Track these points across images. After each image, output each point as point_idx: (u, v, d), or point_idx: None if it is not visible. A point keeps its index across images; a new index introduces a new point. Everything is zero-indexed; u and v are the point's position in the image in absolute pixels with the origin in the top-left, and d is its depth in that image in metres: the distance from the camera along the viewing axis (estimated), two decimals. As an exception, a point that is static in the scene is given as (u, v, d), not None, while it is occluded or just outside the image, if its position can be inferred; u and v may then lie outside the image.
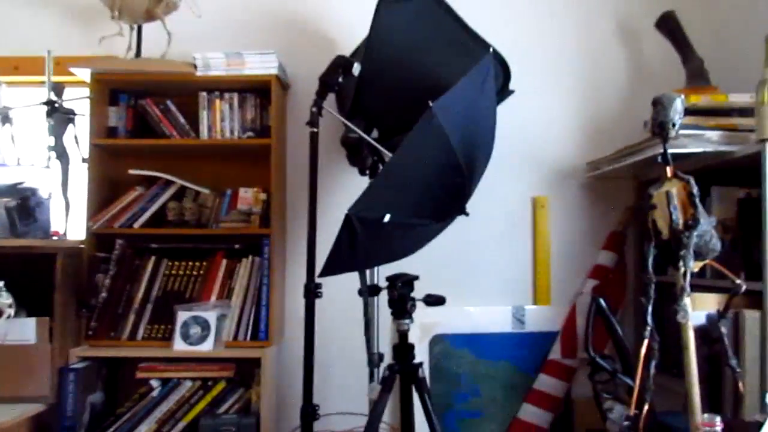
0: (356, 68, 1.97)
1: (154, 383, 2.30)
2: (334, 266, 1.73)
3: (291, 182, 2.60)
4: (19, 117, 2.45)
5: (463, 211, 1.92)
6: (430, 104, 1.62)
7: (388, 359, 2.12)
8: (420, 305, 1.97)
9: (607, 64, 2.62)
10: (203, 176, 2.49)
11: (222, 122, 2.44)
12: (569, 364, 2.50)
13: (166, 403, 2.28)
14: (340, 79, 1.97)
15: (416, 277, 1.98)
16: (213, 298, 2.36)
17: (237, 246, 2.42)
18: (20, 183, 2.19)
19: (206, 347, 2.28)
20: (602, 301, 1.84)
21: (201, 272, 2.40)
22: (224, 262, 2.40)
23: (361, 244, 1.67)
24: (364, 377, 2.36)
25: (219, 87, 2.44)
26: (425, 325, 2.53)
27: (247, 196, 2.45)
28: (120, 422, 2.25)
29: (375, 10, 2.08)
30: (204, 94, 2.44)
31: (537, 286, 2.59)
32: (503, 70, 2.20)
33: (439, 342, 2.55)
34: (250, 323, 2.36)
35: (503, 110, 2.34)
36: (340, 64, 1.96)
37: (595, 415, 2.24)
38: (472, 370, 2.55)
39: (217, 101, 2.44)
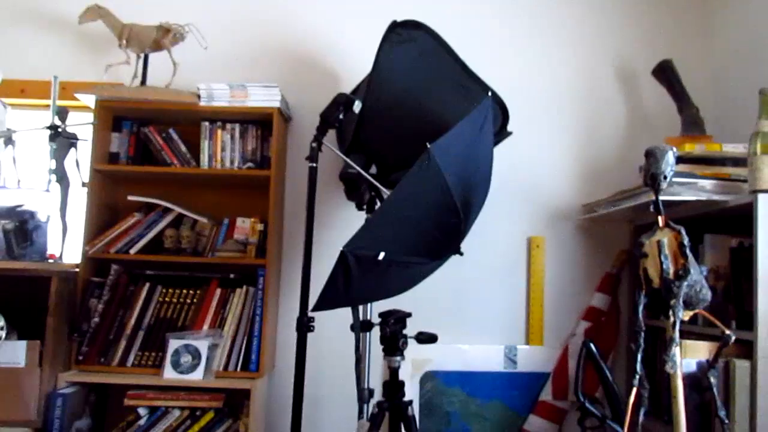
0: (357, 106, 2.01)
1: (142, 411, 2.28)
2: (327, 301, 1.74)
3: (288, 214, 2.62)
4: (22, 139, 2.48)
5: (457, 251, 1.93)
6: (428, 145, 1.64)
7: (378, 395, 2.11)
8: (412, 342, 1.97)
9: (604, 107, 2.67)
10: (202, 205, 2.52)
11: (223, 152, 2.47)
12: (560, 405, 2.49)
13: (153, 432, 2.27)
14: (341, 116, 2.00)
15: (409, 314, 1.98)
16: (205, 326, 2.36)
17: (232, 275, 2.43)
18: (19, 206, 2.21)
19: (196, 376, 2.27)
20: (592, 346, 1.85)
21: (195, 300, 2.40)
22: (218, 291, 2.40)
23: (355, 281, 1.68)
24: (354, 412, 2.34)
25: (221, 117, 2.47)
26: (417, 362, 2.52)
27: (245, 226, 2.46)
28: (105, 450, 2.23)
29: (378, 49, 2.12)
30: (206, 123, 2.47)
31: (530, 326, 2.59)
32: (502, 112, 2.24)
33: (430, 379, 2.54)
34: (242, 353, 2.35)
35: (501, 150, 2.37)
36: (341, 102, 1.99)
37: (584, 460, 2.23)
38: (463, 409, 2.54)
39: (219, 131, 2.47)
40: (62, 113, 2.43)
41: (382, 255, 1.66)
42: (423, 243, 1.79)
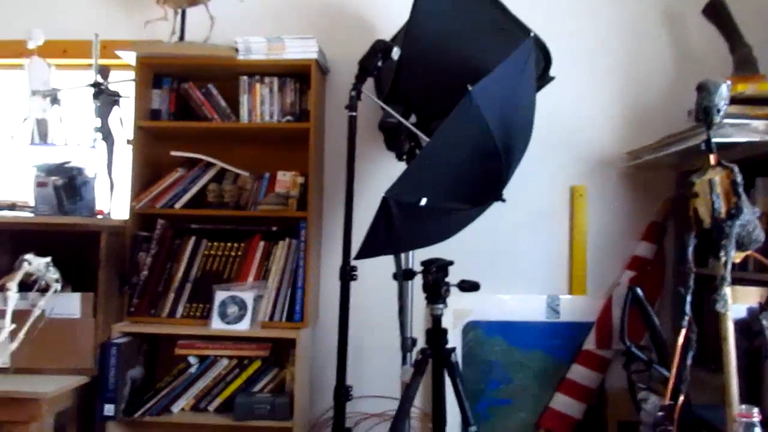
0: (395, 53, 1.97)
1: (192, 360, 2.36)
2: (370, 249, 1.75)
3: (328, 166, 2.63)
4: (67, 98, 2.52)
5: (499, 197, 1.91)
6: (469, 88, 1.61)
7: (420, 344, 2.13)
8: (454, 291, 1.97)
9: (651, 50, 2.57)
10: (243, 159, 2.53)
11: (262, 106, 2.47)
12: (603, 355, 2.48)
13: (203, 380, 2.34)
14: (380, 64, 1.97)
15: (451, 263, 1.98)
16: (250, 279, 2.40)
17: (274, 228, 2.46)
18: (67, 162, 2.26)
19: (243, 327, 2.32)
20: (639, 291, 1.82)
21: (239, 253, 2.44)
22: (261, 243, 2.43)
23: (398, 228, 1.68)
24: (397, 361, 2.38)
25: (259, 71, 2.47)
26: (459, 312, 2.53)
27: (285, 180, 2.48)
28: (159, 396, 2.31)
29: (416, -5, 2.08)
30: (245, 78, 2.47)
31: (573, 276, 2.57)
32: (544, 56, 2.18)
33: (472, 329, 2.55)
34: (286, 304, 2.39)
35: (543, 96, 2.31)
36: (380, 49, 1.96)
37: (627, 408, 2.22)
38: (505, 358, 2.54)
39: (258, 85, 2.47)
40: (104, 72, 2.47)
41: (423, 201, 1.65)
42: (464, 189, 1.78)
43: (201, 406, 2.34)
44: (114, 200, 2.48)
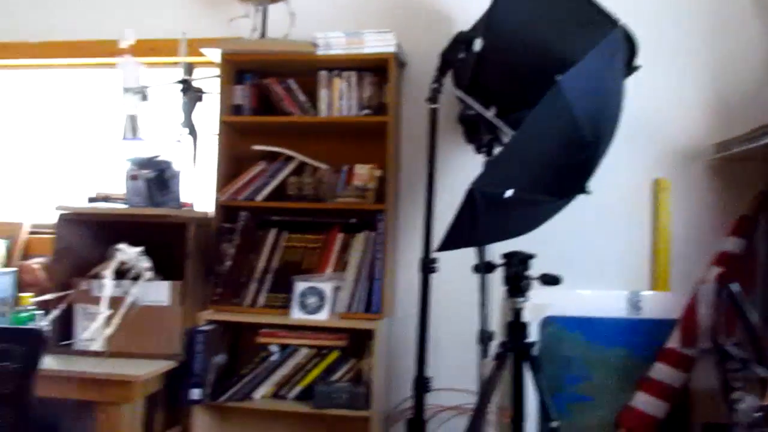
0: (477, 44, 1.96)
1: (274, 348, 2.42)
2: (452, 241, 1.75)
3: (404, 159, 2.64)
4: (155, 95, 2.62)
5: (584, 189, 1.87)
6: (558, 78, 1.59)
7: (498, 337, 2.12)
8: (534, 285, 1.95)
9: (741, 37, 2.46)
10: (321, 152, 2.57)
11: (340, 100, 2.50)
12: (689, 353, 2.39)
13: (283, 368, 2.40)
14: (461, 55, 1.96)
15: (532, 256, 1.96)
16: (329, 270, 2.44)
17: (353, 220, 2.49)
18: (157, 156, 2.35)
19: (322, 317, 2.37)
20: (735, 287, 1.75)
21: (318, 245, 2.49)
22: (340, 235, 2.47)
23: (481, 220, 1.67)
24: (473, 354, 2.37)
25: (338, 66, 2.50)
26: (537, 306, 2.49)
27: (363, 173, 2.50)
28: (242, 383, 2.38)
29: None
30: (324, 72, 2.51)
31: (655, 272, 2.49)
32: (629, 45, 2.11)
33: (550, 324, 2.51)
34: (364, 296, 2.42)
35: (626, 85, 2.25)
36: (462, 40, 1.96)
37: (714, 409, 2.14)
38: (584, 354, 2.49)
39: (336, 80, 2.51)
40: (189, 69, 2.55)
41: (509, 192, 1.64)
42: (550, 180, 1.75)
43: (281, 393, 2.40)
44: (198, 193, 2.56)
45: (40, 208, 2.96)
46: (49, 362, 1.89)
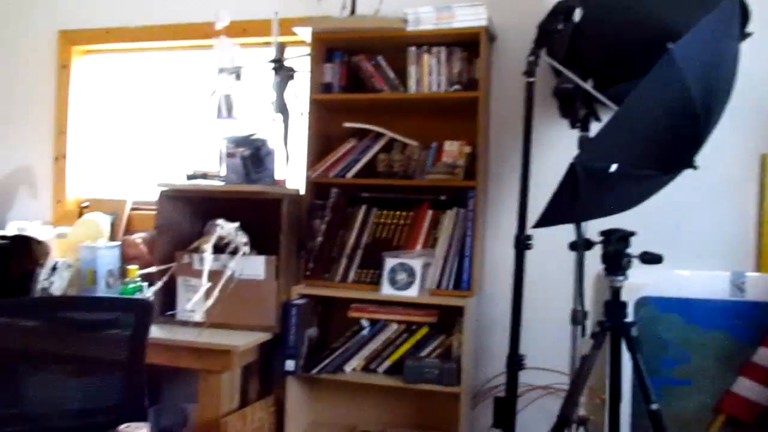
0: (577, 14, 1.89)
1: (364, 323, 2.45)
2: (551, 217, 1.71)
3: (494, 135, 2.60)
4: (247, 75, 2.68)
5: (692, 164, 1.79)
6: (669, 46, 1.51)
7: (592, 317, 2.07)
8: (633, 263, 1.88)
9: None
10: (410, 129, 2.57)
11: (429, 76, 2.48)
12: (797, 338, 2.26)
13: (374, 342, 2.43)
14: (560, 26, 1.90)
15: (633, 233, 1.89)
16: (418, 246, 2.45)
17: (443, 197, 2.48)
18: (253, 134, 2.41)
19: (412, 293, 2.38)
20: None
21: (407, 222, 2.49)
22: (430, 212, 2.47)
23: (583, 195, 1.62)
24: (563, 333, 2.32)
25: (427, 41, 2.48)
26: (632, 286, 2.40)
27: (452, 149, 2.48)
28: (334, 356, 2.43)
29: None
30: (413, 48, 2.49)
31: (762, 252, 2.36)
32: (741, 11, 1.99)
33: (645, 304, 2.43)
34: (453, 272, 2.41)
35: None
36: (561, 11, 1.90)
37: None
38: (682, 337, 2.40)
39: (425, 56, 2.48)
40: (281, 48, 2.59)
41: (614, 167, 1.58)
42: (657, 154, 1.68)
43: (371, 367, 2.43)
44: (289, 170, 2.61)
45: (140, 185, 3.11)
46: (154, 331, 1.98)
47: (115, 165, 3.20)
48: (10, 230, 2.88)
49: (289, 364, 2.38)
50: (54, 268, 2.46)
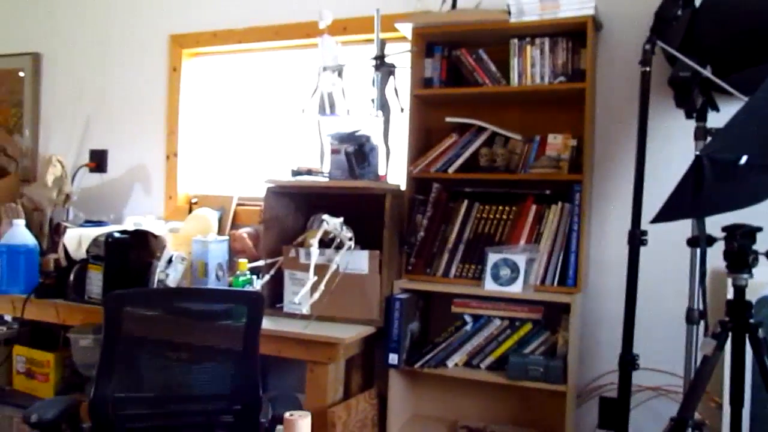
0: (698, -1, 1.80)
1: (467, 318, 2.44)
2: (672, 212, 1.63)
3: (600, 127, 2.51)
4: (348, 72, 2.71)
5: (830, 155, 1.65)
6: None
7: (710, 316, 1.97)
8: (762, 261, 1.77)
9: None
10: (512, 123, 2.53)
11: (532, 68, 2.43)
12: None
13: (476, 338, 2.42)
14: (679, 12, 1.81)
15: (759, 229, 1.78)
16: (522, 242, 2.41)
17: (547, 192, 2.42)
18: (357, 131, 2.44)
19: (515, 289, 2.34)
20: None
21: (510, 216, 2.46)
22: (533, 207, 2.42)
23: (708, 189, 1.53)
24: (676, 332, 2.23)
25: (530, 33, 2.42)
26: (752, 285, 2.27)
27: (556, 143, 2.43)
28: (437, 350, 2.44)
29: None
30: (515, 41, 2.45)
31: None
32: None
33: (765, 305, 2.28)
34: (558, 268, 2.36)
35: None
36: (681, -5, 1.80)
37: None
38: (808, 339, 2.24)
39: (528, 47, 2.43)
40: (382, 45, 2.60)
41: (744, 159, 1.49)
42: (792, 145, 1.56)
43: (473, 362, 2.42)
44: (391, 165, 2.63)
45: (246, 181, 3.22)
46: (263, 322, 2.05)
47: (222, 162, 3.34)
48: (128, 225, 3.06)
49: (393, 358, 2.41)
50: (170, 261, 2.59)
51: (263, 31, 3.08)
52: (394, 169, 2.65)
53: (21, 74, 3.74)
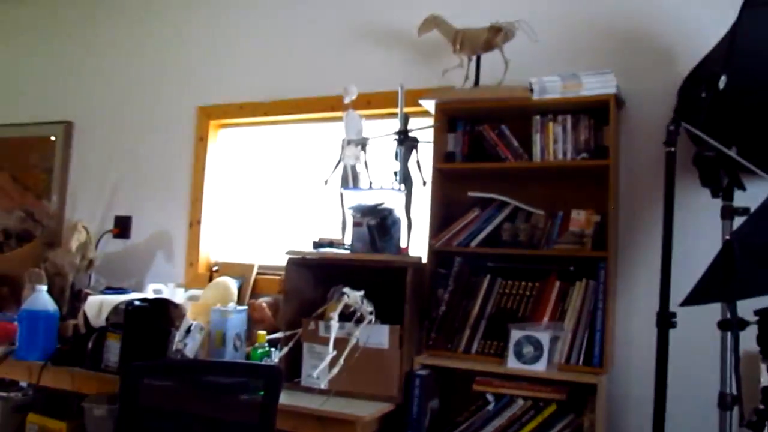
0: (723, 81, 1.81)
1: (489, 397, 2.36)
2: (703, 295, 1.59)
3: (623, 204, 2.50)
4: (371, 145, 2.75)
5: None
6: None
7: (746, 402, 1.88)
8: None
9: None
10: (535, 198, 2.53)
11: (555, 144, 2.44)
12: None
13: (499, 419, 2.33)
14: (703, 95, 1.82)
15: (794, 313, 1.73)
16: (545, 319, 2.36)
17: (571, 268, 2.39)
18: (380, 204, 2.45)
19: (539, 368, 2.28)
20: None
21: (533, 292, 2.42)
22: (557, 283, 2.38)
23: (741, 272, 1.50)
24: (709, 420, 2.14)
25: (552, 109, 2.45)
26: (786, 369, 2.19)
27: (579, 218, 2.41)
28: (457, 431, 2.35)
29: (738, 16, 1.90)
30: (537, 117, 2.47)
31: None
32: None
33: (802, 390, 2.19)
34: (583, 347, 2.30)
35: None
36: (704, 78, 1.82)
37: None
38: None
39: (550, 124, 2.45)
40: (405, 119, 2.64)
41: (776, 243, 1.46)
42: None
43: (496, 444, 2.33)
44: (412, 239, 2.62)
45: (266, 250, 3.23)
46: (280, 397, 2.01)
47: (245, 231, 3.36)
48: (149, 291, 3.06)
49: (412, 437, 2.33)
50: (188, 330, 2.57)
51: (288, 104, 3.16)
52: (416, 242, 2.64)
53: (53, 138, 3.84)
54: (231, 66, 3.39)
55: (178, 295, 3.08)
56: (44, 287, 2.83)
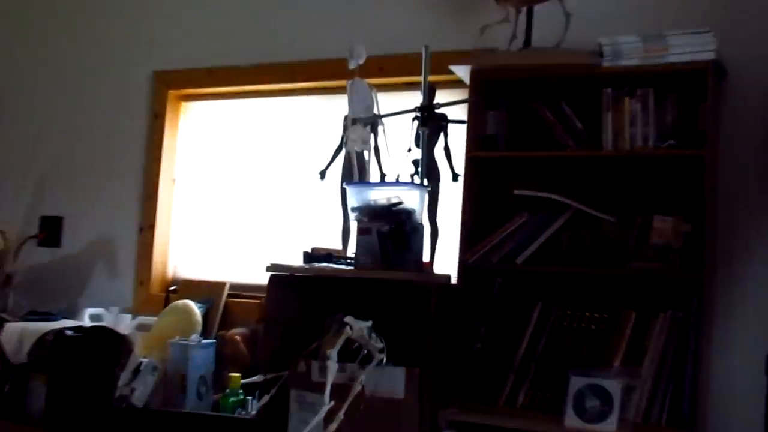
0: None
1: (540, 467, 2.34)
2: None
3: (724, 208, 2.48)
4: (383, 126, 2.73)
5: None
6: None
7: None
8: None
9: None
10: (605, 199, 2.52)
11: (631, 128, 2.42)
12: None
13: (553, 495, 2.31)
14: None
15: None
16: (617, 362, 2.34)
17: (652, 295, 2.37)
18: (394, 204, 2.43)
19: (608, 428, 2.25)
20: None
21: (601, 326, 2.40)
22: (633, 315, 2.36)
23: None
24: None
25: (629, 81, 2.43)
26: None
27: (664, 227, 2.38)
28: None
29: None
30: (608, 91, 2.46)
31: None
32: None
33: None
34: (668, 401, 2.27)
35: None
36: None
37: None
38: None
39: (626, 100, 2.44)
40: (430, 91, 2.63)
41: None
42: None
43: None
44: (438, 251, 2.60)
45: (241, 265, 3.22)
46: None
47: (213, 238, 3.36)
48: (84, 318, 3.06)
49: None
50: (137, 371, 2.56)
51: (273, 70, 3.16)
52: (443, 256, 2.63)
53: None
54: (198, 19, 3.39)
55: (123, 323, 3.09)
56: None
